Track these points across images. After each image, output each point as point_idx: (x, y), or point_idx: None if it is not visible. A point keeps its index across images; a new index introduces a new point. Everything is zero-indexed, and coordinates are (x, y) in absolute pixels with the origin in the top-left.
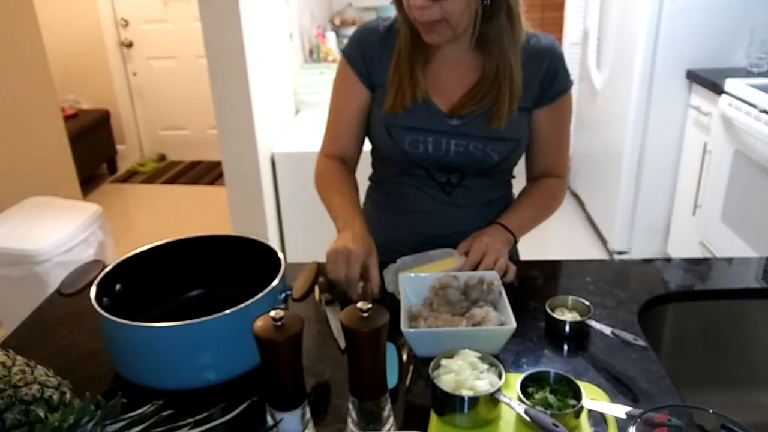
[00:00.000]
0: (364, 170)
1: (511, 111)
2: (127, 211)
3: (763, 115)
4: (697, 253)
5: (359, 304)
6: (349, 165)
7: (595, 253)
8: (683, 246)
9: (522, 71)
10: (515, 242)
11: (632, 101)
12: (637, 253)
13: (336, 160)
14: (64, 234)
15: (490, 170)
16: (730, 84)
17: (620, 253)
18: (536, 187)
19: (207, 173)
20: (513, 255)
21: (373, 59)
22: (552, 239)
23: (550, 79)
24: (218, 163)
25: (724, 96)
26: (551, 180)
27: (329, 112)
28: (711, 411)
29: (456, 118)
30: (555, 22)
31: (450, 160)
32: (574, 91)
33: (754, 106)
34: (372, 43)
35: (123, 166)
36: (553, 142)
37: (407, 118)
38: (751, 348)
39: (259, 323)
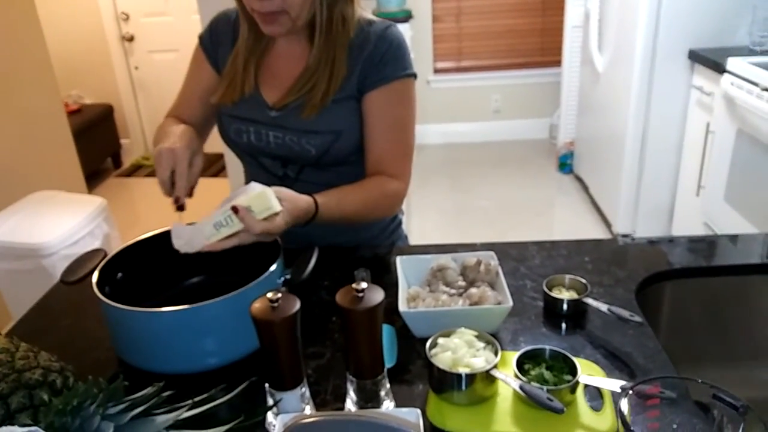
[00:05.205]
0: None
1: (324, 103)
2: (133, 205)
3: (765, 93)
4: (701, 233)
5: (354, 285)
6: None
7: (600, 236)
8: (687, 227)
9: (348, 60)
10: (312, 218)
11: (634, 83)
12: (642, 235)
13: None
14: (69, 227)
15: (321, 163)
16: (732, 63)
17: (625, 235)
18: (367, 180)
19: (210, 165)
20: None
21: (221, 44)
22: (556, 223)
23: (374, 63)
24: (220, 156)
25: (726, 75)
26: (383, 177)
27: (180, 89)
28: (700, 381)
29: (275, 110)
30: (556, 5)
31: (272, 151)
32: (576, 74)
33: (756, 84)
34: (222, 27)
35: (128, 161)
36: (382, 133)
37: (234, 107)
38: (753, 324)
39: (257, 305)
